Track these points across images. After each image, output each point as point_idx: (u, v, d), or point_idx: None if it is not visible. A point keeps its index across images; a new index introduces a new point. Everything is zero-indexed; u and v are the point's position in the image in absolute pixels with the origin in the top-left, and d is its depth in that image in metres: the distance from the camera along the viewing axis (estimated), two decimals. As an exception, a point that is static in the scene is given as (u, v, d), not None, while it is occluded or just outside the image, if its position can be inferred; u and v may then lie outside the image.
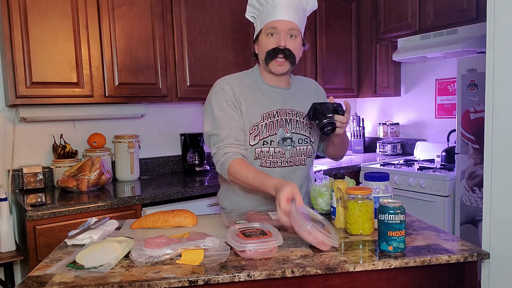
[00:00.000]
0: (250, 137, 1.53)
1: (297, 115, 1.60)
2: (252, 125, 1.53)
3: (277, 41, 1.50)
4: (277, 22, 1.49)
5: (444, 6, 2.78)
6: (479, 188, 2.43)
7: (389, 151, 3.50)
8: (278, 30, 1.50)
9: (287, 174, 1.57)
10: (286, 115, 1.57)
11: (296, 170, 1.59)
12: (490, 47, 1.20)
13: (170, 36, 2.52)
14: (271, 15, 1.51)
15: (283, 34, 1.50)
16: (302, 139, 1.59)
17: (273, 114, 1.55)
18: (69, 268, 1.06)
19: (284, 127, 1.56)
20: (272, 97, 1.58)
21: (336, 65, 3.36)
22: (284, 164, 1.57)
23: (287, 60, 1.51)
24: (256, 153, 1.54)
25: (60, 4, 2.17)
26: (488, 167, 1.22)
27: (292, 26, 1.51)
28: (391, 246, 1.14)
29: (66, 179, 2.24)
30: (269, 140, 1.54)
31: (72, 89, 2.24)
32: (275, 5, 1.50)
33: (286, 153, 1.56)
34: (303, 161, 1.60)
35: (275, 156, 1.55)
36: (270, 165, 1.55)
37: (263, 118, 1.54)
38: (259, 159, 1.55)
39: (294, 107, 1.60)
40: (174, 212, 1.43)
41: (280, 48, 1.49)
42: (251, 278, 1.03)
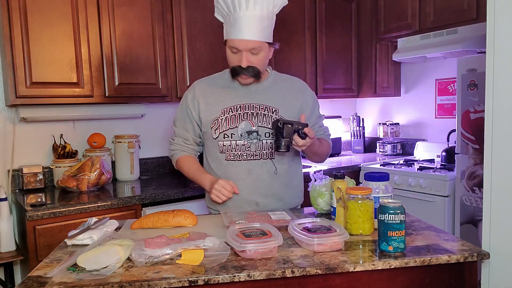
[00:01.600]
0: (211, 131, 1.59)
1: (266, 109, 1.60)
2: (213, 119, 1.59)
3: (239, 59, 1.51)
4: (237, 42, 1.48)
5: (444, 6, 2.78)
6: (479, 188, 2.43)
7: (389, 151, 3.50)
8: (239, 49, 1.50)
9: (254, 167, 1.58)
10: (253, 109, 1.59)
11: (264, 163, 1.59)
12: (490, 47, 1.20)
13: (170, 36, 2.52)
14: (232, 32, 1.49)
15: (245, 54, 1.50)
16: (270, 133, 1.59)
17: (235, 108, 1.59)
18: (70, 271, 1.06)
19: (250, 121, 1.58)
20: (238, 93, 1.62)
21: (336, 65, 3.35)
22: (249, 158, 1.58)
23: (250, 76, 1.54)
24: (220, 147, 1.59)
25: (60, 4, 2.17)
26: (488, 167, 1.22)
27: (253, 45, 1.49)
28: (391, 246, 1.14)
29: (66, 179, 2.24)
30: (229, 133, 1.57)
31: (72, 89, 2.24)
32: (236, 20, 1.47)
33: (251, 146, 1.58)
34: (271, 155, 1.60)
35: (239, 149, 1.58)
36: (235, 158, 1.58)
37: (223, 112, 1.59)
38: (224, 153, 1.59)
39: (264, 102, 1.61)
40: (174, 212, 1.43)
41: (242, 67, 1.51)
42: (251, 278, 1.03)
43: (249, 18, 1.45)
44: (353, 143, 3.75)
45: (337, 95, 3.44)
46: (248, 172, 1.58)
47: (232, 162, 1.59)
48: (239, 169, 1.58)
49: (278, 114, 1.60)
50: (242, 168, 1.58)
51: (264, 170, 1.59)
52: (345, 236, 1.17)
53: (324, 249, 1.15)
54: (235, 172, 1.58)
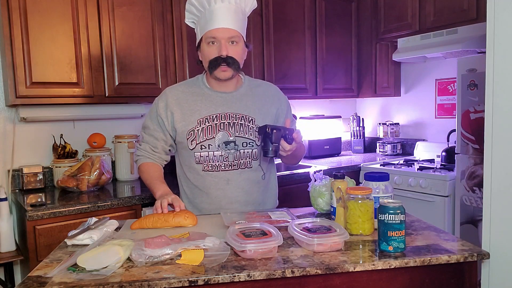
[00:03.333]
0: (187, 142, 1.56)
1: (242, 118, 1.59)
2: (188, 130, 1.56)
3: (218, 49, 1.50)
4: (216, 31, 1.48)
5: (444, 6, 2.78)
6: (479, 188, 2.43)
7: (389, 151, 3.50)
8: (218, 38, 1.49)
9: (232, 177, 1.57)
10: (230, 119, 1.57)
11: (242, 173, 1.59)
12: (490, 47, 1.20)
13: (170, 36, 2.52)
14: (209, 23, 1.49)
15: (224, 42, 1.49)
16: (247, 142, 1.58)
17: (212, 118, 1.56)
18: (70, 271, 1.06)
19: (227, 131, 1.56)
20: (214, 102, 1.59)
21: (336, 65, 3.36)
22: (228, 168, 1.57)
23: (230, 67, 1.52)
24: (196, 158, 1.56)
25: (60, 4, 2.17)
26: (488, 167, 1.22)
27: (232, 34, 1.50)
28: (391, 246, 1.14)
29: (66, 179, 2.24)
30: (207, 144, 1.55)
31: (72, 89, 2.24)
32: (212, 12, 1.48)
33: (229, 156, 1.56)
34: (249, 164, 1.59)
35: (217, 159, 1.56)
36: (213, 169, 1.57)
37: (199, 123, 1.56)
38: (201, 164, 1.57)
39: (240, 111, 1.59)
40: (174, 213, 1.43)
41: (222, 57, 1.49)
42: (251, 278, 1.03)
43: (226, 9, 1.49)
44: (353, 143, 3.75)
45: (337, 95, 3.44)
46: (227, 182, 1.57)
47: (209, 172, 1.57)
48: (217, 180, 1.57)
49: (254, 123, 1.59)
50: (220, 178, 1.57)
51: (242, 179, 1.58)
52: (345, 236, 1.17)
53: (324, 249, 1.15)
54: (213, 183, 1.57)
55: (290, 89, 3.10)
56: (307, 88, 3.20)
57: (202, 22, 1.53)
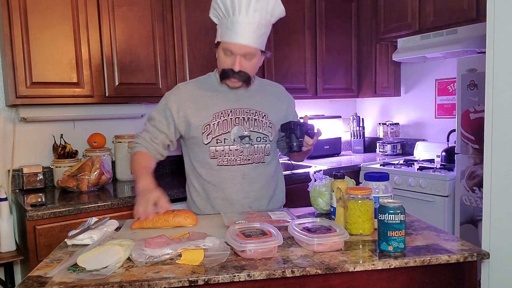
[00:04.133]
0: (203, 136, 1.56)
1: (256, 114, 1.61)
2: (204, 124, 1.56)
3: (232, 62, 1.50)
4: (233, 46, 1.47)
5: (444, 6, 2.78)
6: (479, 188, 2.43)
7: (389, 151, 3.50)
8: (234, 53, 1.49)
9: (247, 171, 1.59)
10: (244, 114, 1.59)
11: (257, 167, 1.60)
12: (490, 47, 1.20)
13: (170, 36, 2.52)
14: (228, 34, 1.47)
15: (239, 58, 1.49)
16: (261, 137, 1.60)
17: (227, 113, 1.58)
18: (70, 271, 1.06)
19: (242, 125, 1.58)
20: (229, 97, 1.60)
21: (336, 65, 3.35)
22: (243, 162, 1.58)
23: (240, 81, 1.54)
24: (211, 152, 1.57)
25: (60, 4, 2.17)
26: (488, 167, 1.22)
27: (248, 51, 1.49)
28: (391, 246, 1.14)
29: (66, 179, 2.24)
30: (222, 138, 1.56)
31: (72, 89, 2.24)
32: (234, 24, 1.46)
33: (244, 151, 1.58)
34: (262, 159, 1.62)
35: (232, 154, 1.57)
36: (228, 163, 1.57)
37: (215, 117, 1.57)
38: (215, 159, 1.57)
39: (253, 107, 1.62)
40: (174, 212, 1.43)
41: (235, 70, 1.50)
42: (251, 278, 1.03)
43: (248, 24, 1.45)
44: (353, 143, 3.75)
45: (337, 95, 3.44)
46: (242, 176, 1.58)
47: (225, 167, 1.57)
48: (234, 174, 1.57)
49: (267, 118, 1.62)
50: (236, 172, 1.57)
51: (257, 174, 1.60)
52: (345, 236, 1.17)
53: (324, 249, 1.16)
54: (230, 177, 1.57)
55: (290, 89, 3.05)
56: (307, 88, 3.20)
57: (223, 27, 1.51)
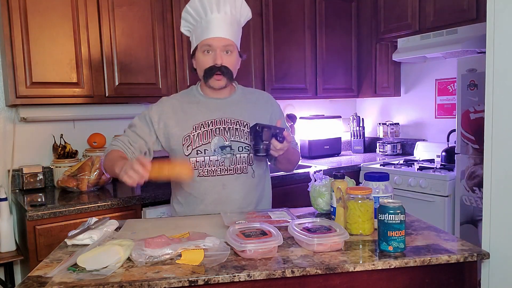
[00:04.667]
0: (183, 147, 1.56)
1: (238, 123, 1.60)
2: (184, 136, 1.56)
3: (213, 58, 1.52)
4: (211, 40, 1.51)
5: (444, 6, 2.78)
6: (479, 188, 2.43)
7: (389, 151, 3.50)
8: (214, 47, 1.51)
9: (228, 182, 1.57)
10: (225, 124, 1.59)
11: (238, 178, 1.58)
12: (490, 47, 1.20)
13: (170, 36, 2.52)
14: (205, 32, 1.52)
15: (219, 51, 1.51)
16: (243, 147, 1.59)
17: (207, 124, 1.57)
18: (70, 271, 1.06)
19: (222, 135, 1.57)
20: (209, 108, 1.60)
21: (336, 65, 3.35)
22: (224, 173, 1.57)
23: (224, 76, 1.54)
24: (192, 163, 1.55)
25: (60, 5, 2.17)
26: (488, 167, 1.22)
27: (227, 43, 1.52)
28: (391, 246, 1.14)
29: (66, 179, 2.24)
30: (202, 149, 1.55)
31: (72, 89, 2.24)
32: (209, 22, 1.51)
33: (225, 161, 1.56)
34: (245, 169, 1.59)
35: (213, 164, 1.56)
36: (208, 173, 1.56)
37: (195, 128, 1.57)
38: (196, 169, 1.56)
39: (234, 116, 1.61)
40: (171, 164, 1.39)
41: (217, 66, 1.52)
42: (251, 278, 1.03)
43: (222, 19, 1.52)
44: (353, 143, 3.75)
45: (337, 95, 3.44)
46: (223, 187, 1.57)
47: (205, 177, 1.56)
48: (213, 184, 1.56)
49: (249, 127, 1.60)
50: (216, 183, 1.56)
51: (238, 184, 1.58)
52: (345, 236, 1.17)
53: (324, 249, 1.15)
54: (209, 187, 1.56)
55: (290, 89, 3.10)
56: (307, 88, 3.20)
57: (198, 31, 1.55)
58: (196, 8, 1.53)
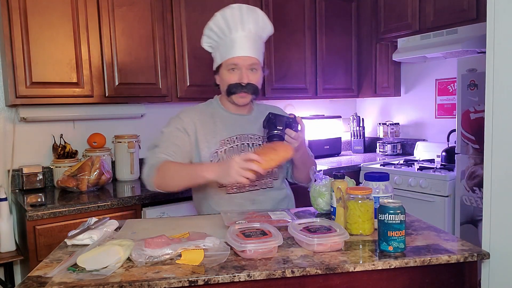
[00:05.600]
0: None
1: (259, 139, 1.61)
2: (212, 152, 1.55)
3: (239, 76, 1.53)
4: (237, 59, 1.52)
5: (444, 6, 2.78)
6: (479, 188, 2.43)
7: (389, 151, 3.50)
8: (239, 66, 1.52)
9: (257, 197, 1.58)
10: (248, 140, 1.60)
11: (265, 193, 1.60)
12: (490, 47, 1.20)
13: (170, 36, 2.52)
14: (230, 51, 1.52)
15: (245, 70, 1.53)
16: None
17: (233, 140, 1.58)
18: (70, 271, 1.06)
19: (248, 151, 1.56)
20: (232, 123, 1.61)
21: (336, 65, 3.35)
22: (252, 188, 1.58)
23: (249, 94, 1.55)
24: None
25: (60, 5, 2.17)
26: (488, 167, 1.22)
27: (252, 61, 1.54)
28: (391, 246, 1.14)
29: (66, 179, 2.24)
30: None
31: (72, 89, 2.24)
32: (233, 40, 1.52)
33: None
34: (270, 184, 1.62)
35: None
36: (237, 190, 1.57)
37: (222, 145, 1.56)
38: (224, 187, 1.55)
39: (256, 132, 1.62)
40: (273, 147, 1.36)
41: (243, 84, 1.52)
42: (251, 278, 1.03)
43: (246, 37, 1.52)
44: (353, 143, 3.75)
45: (337, 95, 3.44)
46: (252, 202, 1.58)
47: (234, 195, 1.56)
48: (242, 201, 1.57)
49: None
50: (245, 199, 1.57)
51: (267, 198, 1.60)
52: (345, 236, 1.17)
53: (324, 249, 1.15)
54: (238, 204, 1.57)
55: (290, 89, 3.10)
56: (307, 88, 3.20)
57: (222, 49, 1.55)
58: (220, 26, 1.53)
